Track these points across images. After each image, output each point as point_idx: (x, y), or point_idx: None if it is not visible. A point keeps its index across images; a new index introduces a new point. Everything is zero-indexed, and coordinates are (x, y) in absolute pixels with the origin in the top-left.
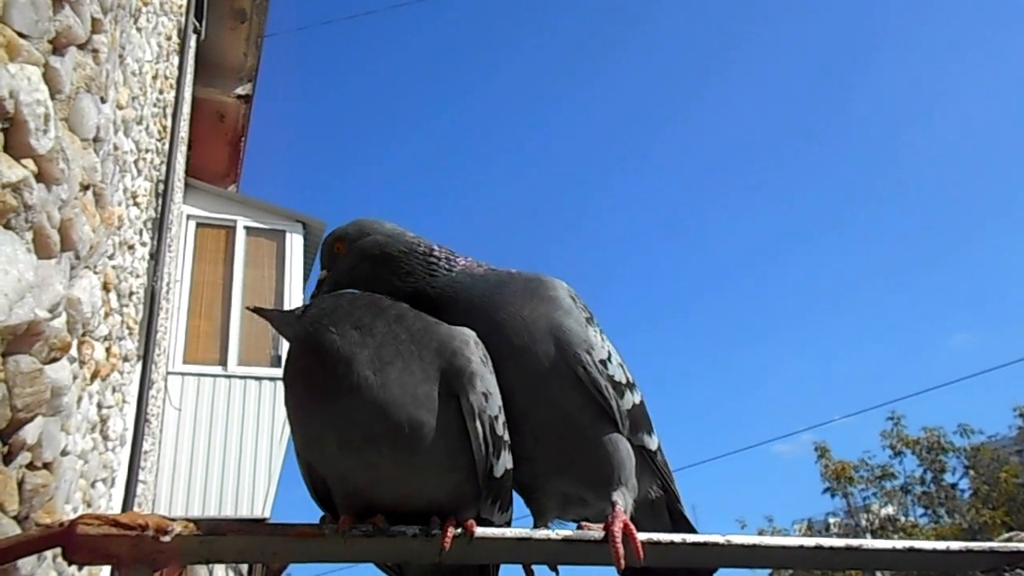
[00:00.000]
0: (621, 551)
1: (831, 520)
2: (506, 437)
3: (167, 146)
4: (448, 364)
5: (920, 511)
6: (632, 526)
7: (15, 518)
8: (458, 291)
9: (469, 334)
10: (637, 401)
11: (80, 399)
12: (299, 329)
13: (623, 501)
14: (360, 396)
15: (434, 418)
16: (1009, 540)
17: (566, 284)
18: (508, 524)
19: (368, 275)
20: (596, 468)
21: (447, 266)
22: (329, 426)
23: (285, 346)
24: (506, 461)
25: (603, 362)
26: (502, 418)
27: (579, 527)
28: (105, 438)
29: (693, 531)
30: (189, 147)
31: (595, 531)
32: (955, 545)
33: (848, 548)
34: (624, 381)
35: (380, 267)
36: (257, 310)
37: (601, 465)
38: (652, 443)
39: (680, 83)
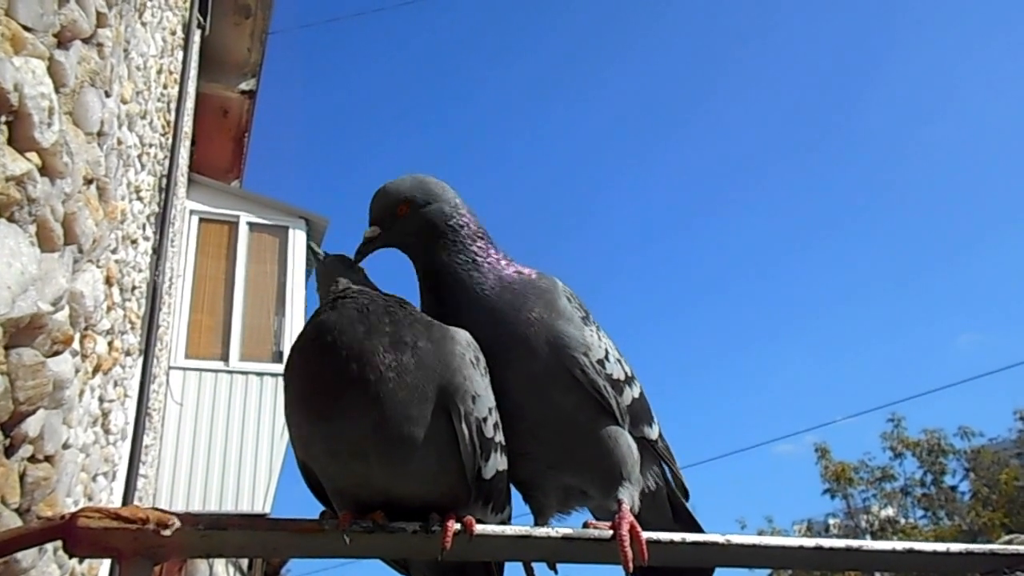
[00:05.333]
0: (630, 554)
1: (831, 521)
2: (497, 439)
3: (170, 141)
4: (448, 383)
5: (920, 513)
6: (638, 526)
7: (16, 510)
8: (458, 273)
9: (468, 344)
10: (636, 395)
11: (82, 393)
12: (309, 327)
13: (628, 499)
14: (352, 418)
15: (425, 432)
16: (1009, 543)
17: (560, 282)
18: (508, 521)
19: (418, 245)
20: (597, 464)
21: (477, 252)
22: (318, 437)
23: (286, 342)
24: (496, 463)
25: (600, 362)
26: (492, 419)
27: (585, 526)
28: (106, 432)
29: (695, 523)
30: (193, 142)
31: (601, 530)
32: (955, 547)
33: (848, 549)
34: (623, 377)
35: (433, 241)
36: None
37: (602, 461)
38: (653, 433)
39: (690, 79)
